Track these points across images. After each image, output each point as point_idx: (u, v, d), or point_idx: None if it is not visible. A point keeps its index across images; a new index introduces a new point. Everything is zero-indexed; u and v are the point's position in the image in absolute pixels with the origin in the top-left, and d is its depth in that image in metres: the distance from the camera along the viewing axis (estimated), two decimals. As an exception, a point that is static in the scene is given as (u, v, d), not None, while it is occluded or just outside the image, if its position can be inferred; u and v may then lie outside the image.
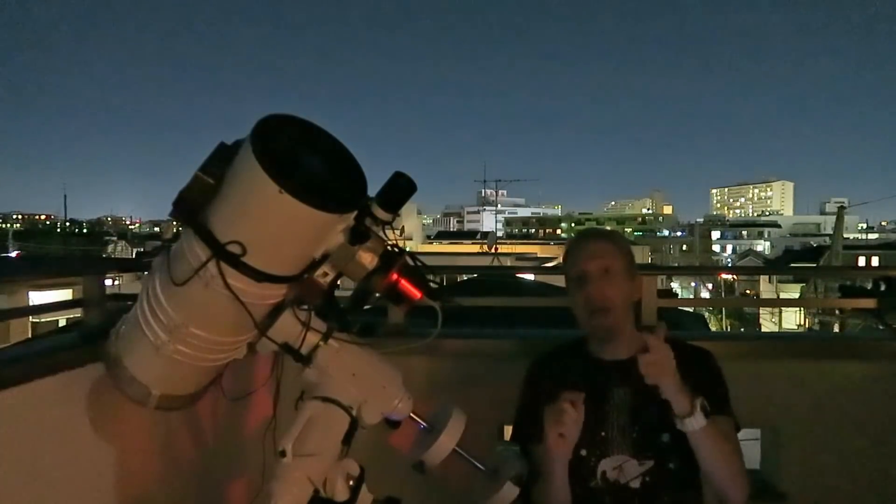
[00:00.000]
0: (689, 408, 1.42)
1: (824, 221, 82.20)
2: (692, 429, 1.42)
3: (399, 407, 1.24)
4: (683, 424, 1.43)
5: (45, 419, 1.46)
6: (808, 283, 27.26)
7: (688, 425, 1.42)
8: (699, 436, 1.43)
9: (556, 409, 1.44)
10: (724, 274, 44.02)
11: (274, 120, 1.04)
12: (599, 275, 1.58)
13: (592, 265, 1.59)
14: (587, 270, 1.59)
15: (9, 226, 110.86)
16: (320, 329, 1.20)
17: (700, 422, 1.41)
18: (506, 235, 64.61)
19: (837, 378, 2.26)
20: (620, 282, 1.58)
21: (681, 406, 1.42)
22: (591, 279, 1.58)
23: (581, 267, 1.60)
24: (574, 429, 1.44)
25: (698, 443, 1.44)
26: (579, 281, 1.60)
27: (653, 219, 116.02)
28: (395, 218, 1.12)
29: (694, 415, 1.41)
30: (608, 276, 1.58)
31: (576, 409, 1.44)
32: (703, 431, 1.42)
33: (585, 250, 1.63)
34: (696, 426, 1.42)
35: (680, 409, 1.43)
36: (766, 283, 36.47)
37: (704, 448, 1.45)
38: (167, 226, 8.41)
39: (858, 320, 18.40)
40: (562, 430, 1.43)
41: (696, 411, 1.41)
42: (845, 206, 37.32)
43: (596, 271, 1.58)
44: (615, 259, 1.60)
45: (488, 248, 23.78)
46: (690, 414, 1.42)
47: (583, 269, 1.60)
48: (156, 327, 1.17)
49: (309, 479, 1.09)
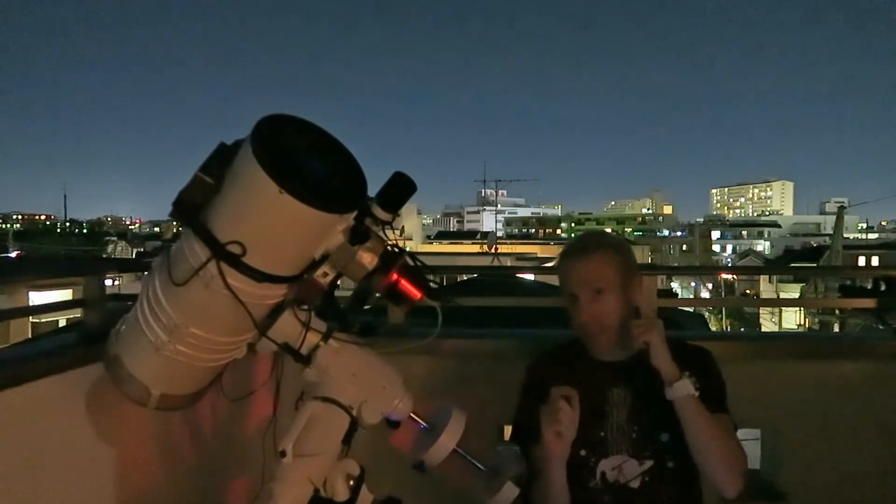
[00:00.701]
0: (678, 374, 1.44)
1: (824, 221, 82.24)
2: (680, 394, 1.43)
3: (399, 407, 1.24)
4: (672, 390, 1.43)
5: (45, 419, 1.46)
6: (808, 283, 27.27)
7: (676, 390, 1.43)
8: (687, 404, 1.43)
9: (552, 407, 1.44)
10: (724, 274, 43.99)
11: (274, 120, 1.04)
12: (591, 297, 1.56)
13: (583, 290, 1.57)
14: (578, 295, 1.58)
15: (9, 226, 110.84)
16: (320, 329, 1.20)
17: (687, 387, 1.43)
18: (506, 235, 64.63)
19: (837, 378, 2.26)
20: (614, 298, 1.56)
21: (668, 371, 1.44)
22: (582, 305, 1.57)
23: (572, 291, 1.60)
24: (571, 427, 1.44)
25: (686, 413, 1.44)
26: (572, 300, 1.60)
27: (653, 219, 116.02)
28: (395, 218, 1.12)
29: (682, 379, 1.43)
30: (600, 296, 1.56)
31: (571, 405, 1.43)
32: (691, 401, 1.43)
33: (576, 272, 1.60)
34: (683, 391, 1.43)
35: (668, 373, 1.44)
36: (766, 283, 36.47)
37: (693, 421, 1.44)
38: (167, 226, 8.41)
39: (858, 320, 18.41)
40: (558, 427, 1.43)
41: (683, 377, 1.43)
42: (845, 206, 37.32)
43: (587, 295, 1.57)
44: (607, 276, 1.57)
45: (488, 248, 23.78)
46: (678, 378, 1.43)
47: (574, 293, 1.59)
48: (156, 327, 1.17)
49: (309, 480, 1.09)
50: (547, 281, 6.24)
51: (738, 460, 1.48)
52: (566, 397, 1.44)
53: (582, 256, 1.61)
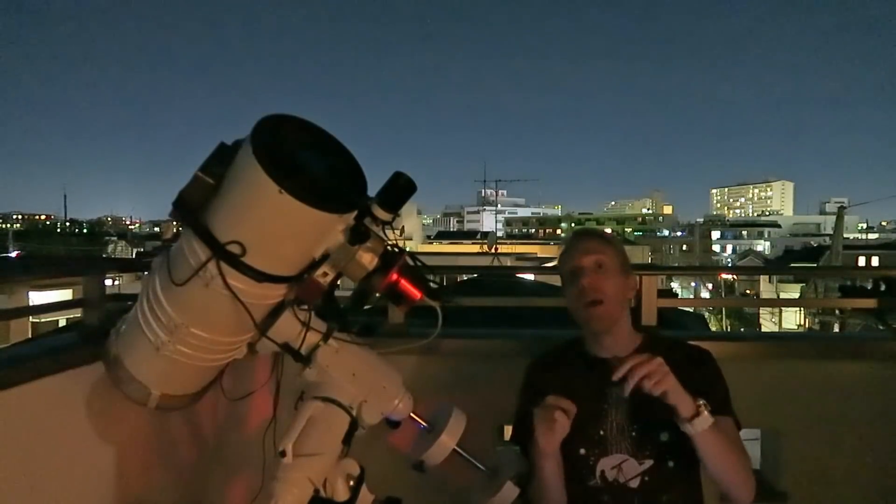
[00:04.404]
0: (695, 408, 1.39)
1: (824, 221, 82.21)
2: (701, 429, 1.38)
3: (399, 407, 1.24)
4: (692, 426, 1.38)
5: (45, 419, 1.46)
6: (808, 283, 27.25)
7: (696, 426, 1.38)
8: (707, 436, 1.39)
9: (547, 415, 1.42)
10: (724, 274, 43.97)
11: (274, 120, 1.04)
12: (593, 269, 1.60)
13: (586, 259, 1.61)
14: (581, 264, 1.61)
15: (9, 226, 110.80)
16: (320, 329, 1.20)
17: (707, 421, 1.39)
18: (506, 235, 64.60)
19: (837, 378, 2.26)
20: (614, 276, 1.60)
21: (686, 408, 1.39)
22: (585, 272, 1.60)
23: (575, 262, 1.62)
24: (562, 424, 1.42)
25: (706, 444, 1.41)
26: (573, 275, 1.62)
27: (653, 219, 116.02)
28: (395, 218, 1.12)
29: (700, 415, 1.38)
30: (602, 270, 1.60)
31: (567, 415, 1.42)
32: (710, 431, 1.39)
33: (580, 246, 1.65)
34: (704, 426, 1.38)
35: (685, 411, 1.39)
36: (766, 283, 36.46)
37: (712, 449, 1.42)
38: (167, 226, 8.38)
39: (858, 320, 18.40)
40: (551, 425, 1.42)
41: (702, 411, 1.39)
42: (845, 206, 37.27)
43: (590, 265, 1.60)
44: (609, 255, 1.62)
45: (488, 248, 23.78)
46: (697, 415, 1.38)
47: (577, 264, 1.62)
48: (156, 327, 1.17)
49: (309, 480, 1.09)
50: (547, 281, 6.24)
51: (749, 470, 1.49)
52: (562, 407, 1.42)
53: (585, 237, 1.70)
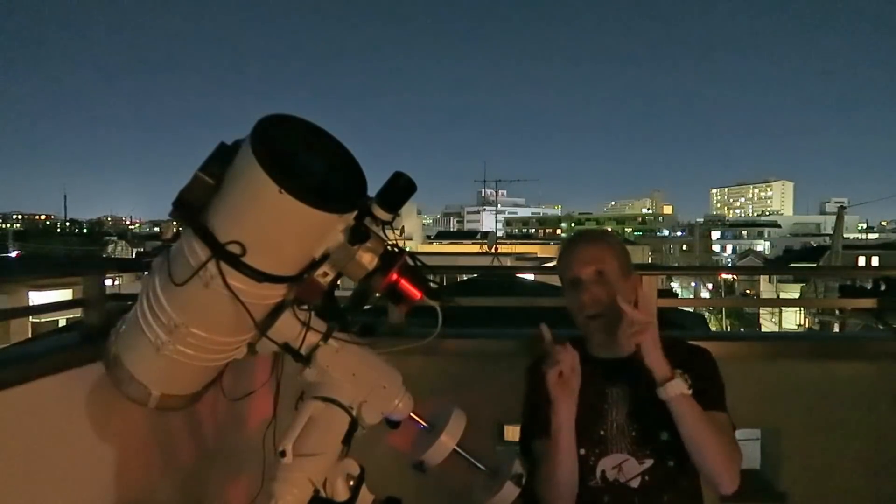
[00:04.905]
0: (669, 373, 1.43)
1: (824, 221, 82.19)
2: (673, 393, 1.42)
3: (399, 407, 1.24)
4: (664, 390, 1.42)
5: (45, 419, 1.46)
6: (808, 283, 27.25)
7: (668, 390, 1.42)
8: (680, 404, 1.42)
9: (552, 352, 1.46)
10: (724, 274, 43.98)
11: (274, 120, 1.04)
12: (593, 279, 1.58)
13: (585, 271, 1.59)
14: (580, 276, 1.59)
15: (9, 226, 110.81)
16: (320, 329, 1.20)
17: (680, 387, 1.42)
18: (506, 235, 64.59)
19: (837, 378, 2.26)
20: (615, 281, 1.59)
21: (660, 370, 1.43)
22: (585, 286, 1.58)
23: (574, 273, 1.61)
24: (572, 368, 1.46)
25: (680, 412, 1.43)
26: (573, 285, 1.61)
27: (653, 219, 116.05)
28: (395, 218, 1.12)
29: (674, 379, 1.42)
30: (602, 279, 1.58)
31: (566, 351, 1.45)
32: (684, 400, 1.42)
33: (578, 255, 1.63)
34: (677, 391, 1.42)
35: (659, 373, 1.43)
36: (766, 283, 36.44)
37: (686, 419, 1.43)
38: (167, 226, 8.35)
39: (858, 320, 18.40)
40: (561, 367, 1.44)
41: (676, 377, 1.43)
42: (845, 206, 37.27)
43: (589, 276, 1.59)
44: (609, 262, 1.59)
45: (488, 248, 23.77)
46: (670, 378, 1.42)
47: (576, 275, 1.60)
48: (156, 327, 1.17)
49: (309, 480, 1.09)
50: (547, 281, 6.24)
51: (734, 456, 1.48)
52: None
53: (583, 243, 1.67)
